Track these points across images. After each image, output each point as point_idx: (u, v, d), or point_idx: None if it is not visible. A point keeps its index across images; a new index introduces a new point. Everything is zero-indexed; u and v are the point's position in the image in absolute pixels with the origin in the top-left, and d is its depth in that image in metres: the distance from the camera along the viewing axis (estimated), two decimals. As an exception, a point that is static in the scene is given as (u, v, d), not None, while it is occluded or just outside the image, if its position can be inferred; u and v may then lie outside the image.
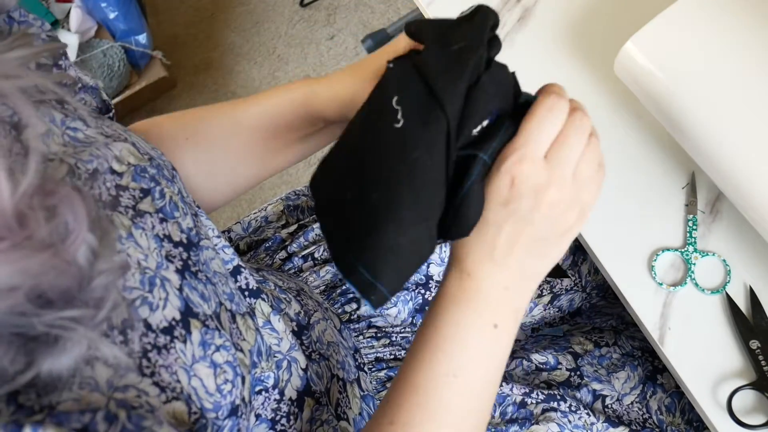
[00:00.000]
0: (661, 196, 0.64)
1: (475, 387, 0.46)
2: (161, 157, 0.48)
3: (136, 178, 0.43)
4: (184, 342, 0.38)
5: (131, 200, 0.42)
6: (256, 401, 0.50)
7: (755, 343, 0.57)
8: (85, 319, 0.30)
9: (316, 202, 0.46)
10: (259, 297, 0.54)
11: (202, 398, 0.38)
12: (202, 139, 0.59)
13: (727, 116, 0.56)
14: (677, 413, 0.66)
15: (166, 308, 0.39)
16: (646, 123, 0.66)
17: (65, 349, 0.29)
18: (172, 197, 0.45)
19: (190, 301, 0.41)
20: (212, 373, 0.39)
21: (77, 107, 0.45)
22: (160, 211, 0.43)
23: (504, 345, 0.47)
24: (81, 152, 0.41)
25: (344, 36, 1.86)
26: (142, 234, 0.40)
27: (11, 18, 0.45)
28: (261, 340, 0.50)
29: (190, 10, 1.99)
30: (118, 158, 0.43)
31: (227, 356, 0.41)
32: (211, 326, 0.41)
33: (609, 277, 0.62)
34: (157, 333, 0.37)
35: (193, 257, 0.44)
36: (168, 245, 0.42)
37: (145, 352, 0.36)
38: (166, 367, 0.37)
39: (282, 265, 0.71)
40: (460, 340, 0.46)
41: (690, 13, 0.58)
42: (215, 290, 0.45)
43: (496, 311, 0.46)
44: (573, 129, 0.43)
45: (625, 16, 0.69)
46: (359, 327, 0.67)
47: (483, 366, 0.46)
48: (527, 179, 0.42)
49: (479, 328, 0.46)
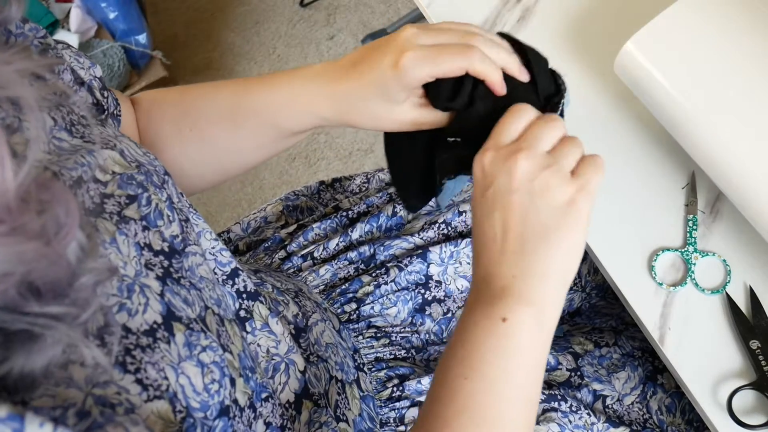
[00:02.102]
0: (661, 196, 0.64)
1: (494, 388, 0.42)
2: (152, 162, 0.48)
3: (122, 185, 0.43)
4: (168, 343, 0.38)
5: (116, 206, 0.41)
6: (265, 408, 0.48)
7: (755, 343, 0.57)
8: (68, 318, 0.30)
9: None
10: (257, 299, 0.54)
11: (189, 397, 0.38)
12: (204, 131, 0.60)
13: (727, 116, 0.56)
14: (677, 413, 0.66)
15: (147, 313, 0.38)
16: (646, 123, 0.66)
17: (42, 347, 0.29)
18: (159, 204, 0.45)
19: (173, 305, 0.40)
20: (200, 372, 0.39)
21: (71, 110, 0.45)
22: (144, 218, 0.43)
23: (520, 342, 0.43)
24: (66, 160, 0.41)
25: (344, 36, 1.86)
26: (125, 240, 0.40)
27: (8, 31, 0.45)
28: (246, 347, 0.50)
29: (190, 10, 1.99)
30: (102, 167, 0.42)
31: (214, 356, 0.41)
32: (196, 329, 0.41)
33: (609, 277, 0.62)
34: (138, 335, 0.37)
35: (175, 264, 0.43)
36: (148, 254, 0.42)
37: (128, 351, 0.36)
38: (153, 364, 0.36)
39: (281, 264, 0.71)
40: (469, 340, 0.43)
41: (690, 13, 0.58)
42: (200, 295, 0.44)
43: (502, 304, 0.43)
44: (542, 119, 0.47)
45: (625, 16, 0.69)
46: (358, 327, 0.67)
47: (495, 365, 0.43)
48: (494, 161, 0.45)
49: (486, 324, 0.43)
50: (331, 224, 0.74)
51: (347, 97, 0.53)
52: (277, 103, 0.57)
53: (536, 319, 0.43)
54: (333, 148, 1.71)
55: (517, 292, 0.43)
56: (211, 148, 0.61)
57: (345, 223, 0.74)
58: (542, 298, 0.43)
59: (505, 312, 0.43)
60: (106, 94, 0.55)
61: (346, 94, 0.53)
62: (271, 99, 0.57)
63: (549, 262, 0.43)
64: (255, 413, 0.44)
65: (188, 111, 0.60)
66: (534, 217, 0.43)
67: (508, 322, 0.43)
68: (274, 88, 0.57)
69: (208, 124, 0.60)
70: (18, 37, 0.46)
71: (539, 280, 0.43)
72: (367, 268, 0.70)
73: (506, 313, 0.43)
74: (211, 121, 0.59)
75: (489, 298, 0.44)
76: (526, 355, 0.43)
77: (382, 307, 0.67)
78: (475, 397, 0.42)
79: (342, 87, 0.53)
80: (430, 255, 0.69)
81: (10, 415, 0.27)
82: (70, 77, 0.51)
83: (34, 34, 0.48)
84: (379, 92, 0.51)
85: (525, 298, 0.43)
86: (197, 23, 1.96)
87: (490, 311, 0.43)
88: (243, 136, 0.60)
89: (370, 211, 0.74)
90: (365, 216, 0.73)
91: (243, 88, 0.59)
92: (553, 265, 0.43)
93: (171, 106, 0.61)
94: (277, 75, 0.57)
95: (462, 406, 0.42)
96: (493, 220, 0.44)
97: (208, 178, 0.64)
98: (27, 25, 0.47)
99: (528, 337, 0.43)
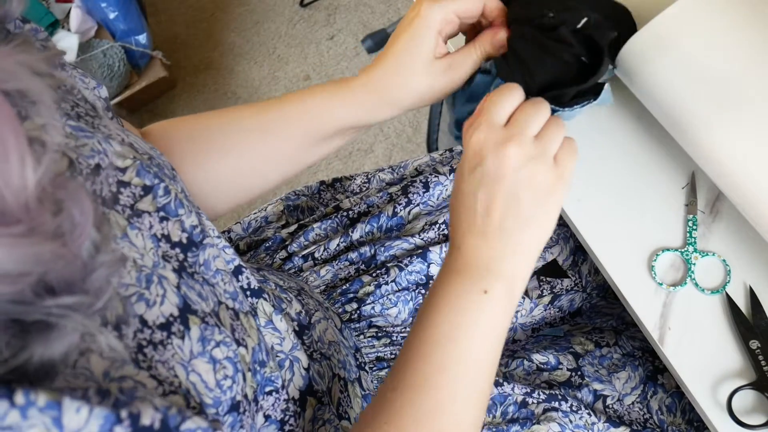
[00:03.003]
0: (661, 196, 0.64)
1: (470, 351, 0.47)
2: (161, 157, 0.48)
3: (141, 172, 0.43)
4: (182, 338, 0.38)
5: (130, 198, 0.42)
6: (266, 402, 0.50)
7: (755, 343, 0.57)
8: (83, 307, 0.31)
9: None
10: (261, 297, 0.54)
11: (202, 393, 0.38)
12: (226, 145, 0.59)
13: (728, 116, 0.56)
14: (678, 413, 0.66)
15: (164, 305, 0.39)
16: (646, 123, 0.66)
17: (60, 335, 0.30)
18: (177, 194, 0.45)
19: (189, 298, 0.41)
20: (212, 368, 0.39)
21: (76, 103, 0.45)
22: (162, 209, 0.43)
23: (495, 314, 0.47)
24: (82, 146, 0.41)
25: (344, 36, 1.86)
26: (138, 234, 0.40)
27: (7, 30, 0.45)
28: (263, 339, 0.50)
29: (190, 10, 1.99)
30: (119, 153, 0.43)
31: (227, 352, 0.41)
32: (211, 323, 0.41)
33: (609, 277, 0.63)
34: (153, 329, 0.37)
35: (190, 258, 0.44)
36: (165, 245, 0.42)
37: (141, 348, 0.36)
38: (163, 363, 0.37)
39: (282, 264, 0.71)
40: (446, 306, 0.47)
41: (690, 13, 0.58)
42: (213, 290, 0.45)
43: (484, 278, 0.47)
44: (530, 103, 0.49)
45: (625, 17, 0.69)
46: (360, 326, 0.67)
47: (471, 333, 0.47)
48: (486, 141, 0.47)
49: (467, 294, 0.47)
50: (331, 224, 0.74)
51: (383, 75, 0.56)
52: (307, 105, 0.58)
53: (509, 293, 0.48)
54: (333, 148, 1.71)
55: (496, 269, 0.47)
56: (232, 164, 0.59)
57: (345, 223, 0.74)
58: (515, 274, 0.48)
59: (486, 285, 0.47)
60: (110, 116, 0.55)
61: (383, 72, 0.56)
62: (302, 103, 0.58)
63: (525, 242, 0.48)
64: (257, 406, 0.45)
65: (209, 126, 0.60)
66: (516, 203, 0.47)
67: (488, 295, 0.47)
68: (304, 95, 0.58)
69: (230, 137, 0.59)
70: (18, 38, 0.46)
71: (515, 259, 0.48)
72: (367, 269, 0.70)
73: (487, 287, 0.47)
74: (234, 132, 0.59)
75: (469, 270, 0.47)
76: (497, 331, 0.48)
77: (383, 307, 0.68)
78: (450, 360, 0.46)
79: (376, 69, 0.56)
80: (431, 255, 0.69)
81: (49, 403, 0.28)
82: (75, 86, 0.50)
83: (35, 35, 0.48)
84: (412, 53, 0.54)
85: (503, 275, 0.47)
86: (197, 23, 1.96)
87: (469, 285, 0.47)
88: (268, 147, 0.59)
89: (371, 212, 0.74)
90: (366, 216, 0.73)
91: (268, 102, 0.59)
92: (528, 245, 0.48)
93: (188, 126, 0.60)
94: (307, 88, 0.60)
95: (439, 366, 0.46)
96: (477, 198, 0.47)
97: (227, 198, 0.62)
98: (27, 25, 0.47)
99: (503, 313, 0.48)
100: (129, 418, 0.30)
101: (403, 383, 0.46)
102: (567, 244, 0.73)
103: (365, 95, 0.56)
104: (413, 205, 0.73)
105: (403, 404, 0.45)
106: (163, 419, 0.31)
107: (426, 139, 0.98)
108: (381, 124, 1.71)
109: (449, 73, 0.56)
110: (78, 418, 0.28)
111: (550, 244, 0.73)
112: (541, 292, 0.73)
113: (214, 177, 0.60)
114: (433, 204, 0.74)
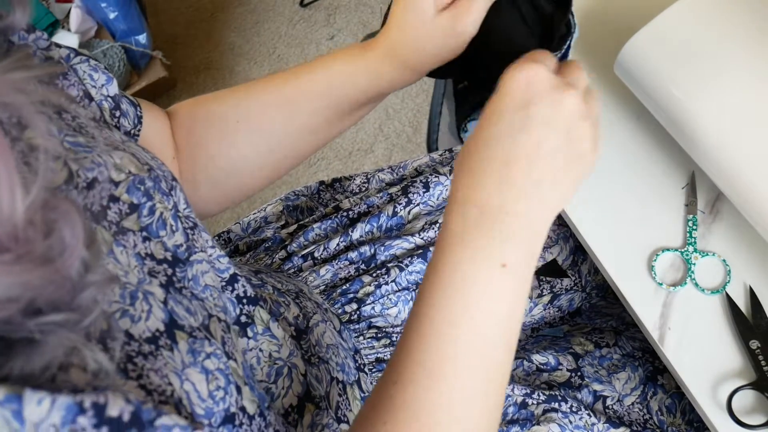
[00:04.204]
0: (661, 196, 0.64)
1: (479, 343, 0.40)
2: (161, 168, 0.48)
3: (131, 189, 0.43)
4: (171, 350, 0.38)
5: (117, 215, 0.41)
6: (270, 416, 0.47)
7: (755, 343, 0.57)
8: (70, 324, 0.30)
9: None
10: (258, 304, 0.53)
11: (194, 403, 0.38)
12: (257, 120, 0.59)
13: (727, 116, 0.56)
14: (678, 414, 0.66)
15: (149, 320, 0.38)
16: (646, 123, 0.66)
17: (43, 351, 0.29)
18: (163, 213, 0.44)
19: (175, 313, 0.40)
20: (204, 378, 0.39)
21: (77, 115, 0.45)
22: (144, 229, 0.43)
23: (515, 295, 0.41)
24: (83, 159, 0.40)
25: (344, 36, 1.86)
26: (123, 252, 0.40)
27: (11, 42, 0.45)
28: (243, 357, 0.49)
29: (190, 10, 1.99)
30: (117, 166, 0.42)
31: (218, 363, 0.40)
32: (199, 336, 0.40)
33: (609, 277, 0.62)
34: (141, 342, 0.37)
35: (178, 273, 0.43)
36: (150, 263, 0.41)
37: (130, 358, 0.36)
38: (156, 371, 0.36)
39: (281, 264, 0.71)
40: (459, 282, 0.40)
41: (690, 13, 0.58)
42: (203, 305, 0.44)
43: (505, 245, 0.40)
44: (573, 62, 0.45)
45: (625, 17, 0.69)
46: (359, 327, 0.67)
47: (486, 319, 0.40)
48: (543, 82, 0.41)
49: (483, 267, 0.40)
50: (331, 224, 0.74)
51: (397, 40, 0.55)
52: (335, 71, 0.57)
53: (530, 271, 0.42)
54: (333, 148, 1.72)
55: (522, 235, 0.41)
56: (263, 138, 0.60)
57: (345, 223, 0.74)
58: (537, 249, 0.42)
59: (506, 257, 0.40)
60: (118, 114, 0.54)
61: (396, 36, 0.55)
62: (329, 70, 0.58)
63: (548, 205, 0.42)
64: (265, 422, 0.44)
65: (238, 103, 0.60)
66: (555, 161, 0.41)
67: (508, 270, 0.40)
68: (329, 60, 0.58)
69: (260, 111, 0.59)
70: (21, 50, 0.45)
71: (536, 224, 0.41)
72: (367, 269, 0.70)
73: (507, 259, 0.40)
74: (264, 106, 0.59)
75: (489, 232, 0.40)
76: (516, 314, 0.42)
77: (383, 307, 0.67)
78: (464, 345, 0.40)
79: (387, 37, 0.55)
80: (431, 255, 0.69)
81: (8, 396, 0.27)
82: (78, 93, 0.50)
83: (37, 45, 0.47)
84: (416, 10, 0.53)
85: (527, 247, 0.41)
86: (197, 23, 1.96)
87: (488, 248, 0.40)
88: (298, 119, 0.59)
89: (371, 211, 0.74)
90: (365, 216, 0.73)
91: (296, 69, 0.59)
92: (549, 211, 0.42)
93: (216, 104, 0.61)
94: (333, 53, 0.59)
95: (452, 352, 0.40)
96: (515, 141, 0.40)
97: (260, 174, 0.62)
98: (32, 35, 0.47)
99: (521, 293, 0.42)
100: (93, 408, 0.29)
101: (404, 378, 0.41)
102: (567, 243, 0.73)
103: (386, 62, 0.56)
104: (413, 205, 0.73)
105: (404, 400, 0.40)
106: (134, 412, 0.30)
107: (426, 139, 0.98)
108: (381, 124, 1.71)
109: (458, 21, 0.53)
110: (39, 410, 0.28)
111: (550, 243, 0.73)
112: (541, 292, 0.73)
113: (244, 154, 0.60)
114: (433, 204, 0.74)
